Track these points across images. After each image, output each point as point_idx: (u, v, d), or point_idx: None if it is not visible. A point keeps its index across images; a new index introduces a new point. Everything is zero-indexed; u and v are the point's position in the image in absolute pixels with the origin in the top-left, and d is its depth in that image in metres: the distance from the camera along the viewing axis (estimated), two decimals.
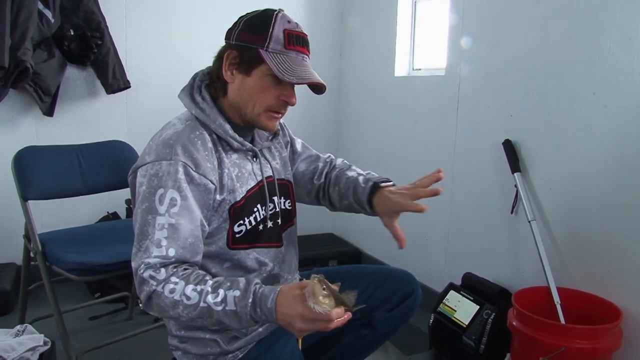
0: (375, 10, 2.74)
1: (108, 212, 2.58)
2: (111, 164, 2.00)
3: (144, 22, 2.61)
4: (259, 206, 1.22)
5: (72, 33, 2.37)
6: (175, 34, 2.67)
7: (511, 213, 1.93)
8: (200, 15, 2.69)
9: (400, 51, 2.59)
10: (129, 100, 2.62)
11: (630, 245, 1.57)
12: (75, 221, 2.16)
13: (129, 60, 2.56)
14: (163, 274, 1.03)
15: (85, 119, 2.54)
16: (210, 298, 1.01)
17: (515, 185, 1.85)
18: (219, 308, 1.00)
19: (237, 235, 1.18)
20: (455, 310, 1.87)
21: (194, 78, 1.23)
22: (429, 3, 2.55)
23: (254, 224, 1.21)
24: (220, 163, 1.16)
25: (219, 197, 1.14)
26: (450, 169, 2.25)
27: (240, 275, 1.16)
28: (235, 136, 1.18)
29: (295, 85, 1.17)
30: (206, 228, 1.13)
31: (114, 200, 2.42)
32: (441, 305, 1.92)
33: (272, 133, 1.33)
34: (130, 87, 2.54)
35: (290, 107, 1.26)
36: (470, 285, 1.95)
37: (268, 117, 1.19)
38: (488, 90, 2.06)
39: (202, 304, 1.01)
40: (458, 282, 1.99)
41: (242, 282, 1.03)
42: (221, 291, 1.01)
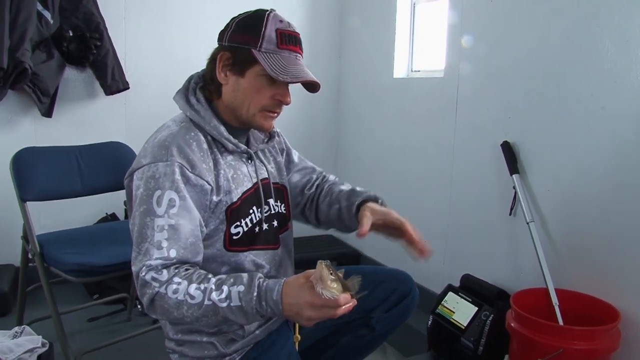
0: (374, 11, 2.75)
1: (107, 214, 2.58)
2: (110, 165, 2.00)
3: (143, 24, 2.61)
4: (254, 208, 1.22)
5: (71, 34, 2.37)
6: (174, 35, 2.67)
7: (510, 215, 1.94)
8: (199, 17, 2.69)
9: (399, 52, 2.59)
10: (128, 101, 2.62)
11: (629, 246, 1.57)
12: (73, 222, 2.16)
13: (128, 62, 2.56)
14: (165, 275, 1.02)
15: (84, 120, 2.54)
16: (214, 295, 1.00)
17: (514, 187, 1.85)
18: (224, 304, 1.00)
19: (235, 237, 1.18)
20: (453, 312, 1.87)
21: (189, 80, 1.23)
22: (428, 4, 2.55)
23: (250, 225, 1.20)
24: (216, 164, 1.16)
25: (215, 199, 1.14)
26: (449, 171, 2.25)
27: None
28: (230, 138, 1.18)
29: (290, 85, 1.17)
30: (204, 229, 1.13)
31: (112, 202, 2.41)
32: (440, 306, 1.92)
33: (268, 136, 1.33)
34: (129, 89, 2.54)
35: (290, 108, 1.26)
36: (469, 287, 1.95)
37: (264, 117, 1.19)
38: (487, 92, 2.06)
39: (207, 302, 1.00)
40: (457, 284, 1.99)
41: (246, 277, 1.03)
42: (225, 287, 1.01)
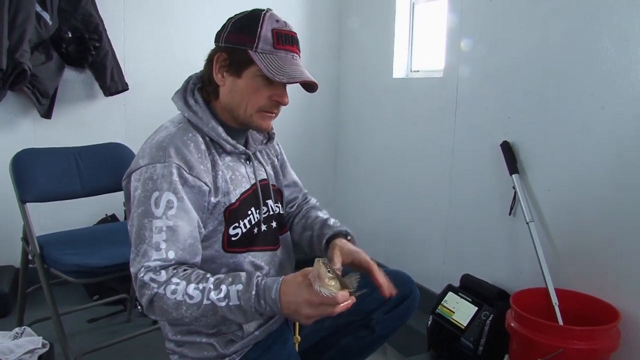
0: (374, 11, 2.75)
1: (106, 215, 2.58)
2: (109, 166, 2.00)
3: (141, 25, 2.61)
4: (252, 209, 1.22)
5: (70, 35, 2.37)
6: (173, 36, 2.67)
7: (509, 215, 1.94)
8: (198, 18, 2.69)
9: (398, 53, 2.59)
10: (127, 102, 2.62)
11: (629, 246, 1.57)
12: (73, 223, 2.16)
13: (127, 63, 2.56)
14: (164, 276, 1.02)
15: (83, 121, 2.54)
16: (213, 295, 1.00)
17: (514, 187, 1.86)
18: (222, 304, 1.00)
19: (233, 238, 1.18)
20: (453, 312, 1.87)
21: (187, 81, 1.23)
22: (427, 4, 2.55)
23: (248, 227, 1.20)
24: (214, 165, 1.16)
25: (213, 200, 1.14)
26: (449, 171, 2.25)
27: None
28: (228, 139, 1.18)
29: (288, 85, 1.17)
30: (202, 230, 1.13)
31: (112, 203, 2.41)
32: (440, 306, 1.92)
33: (267, 137, 1.33)
34: (128, 90, 2.54)
35: (289, 108, 1.26)
36: (469, 287, 1.95)
37: (261, 117, 1.18)
38: (486, 92, 2.06)
39: (206, 302, 1.00)
40: (456, 284, 2.00)
41: (244, 276, 1.03)
42: (224, 287, 1.01)
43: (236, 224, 1.18)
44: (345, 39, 3.04)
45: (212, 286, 1.02)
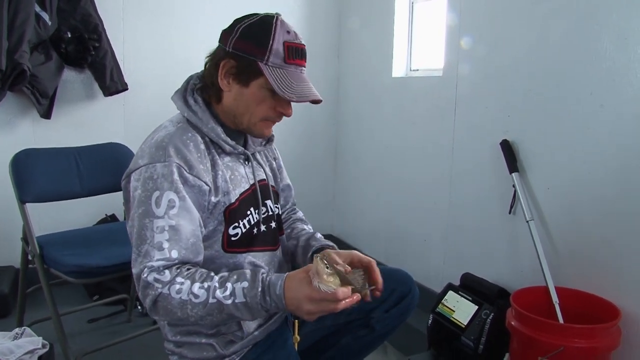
0: (373, 10, 2.75)
1: (106, 215, 2.58)
2: (109, 167, 2.00)
3: (141, 24, 2.61)
4: (252, 209, 1.22)
5: (70, 35, 2.37)
6: (173, 36, 2.67)
7: (509, 213, 1.94)
8: (198, 17, 2.69)
9: (397, 52, 2.59)
10: (127, 102, 2.62)
11: (629, 244, 1.57)
12: (73, 224, 2.16)
13: (126, 63, 2.56)
14: (168, 276, 1.02)
15: (83, 121, 2.54)
16: (219, 293, 1.01)
17: (513, 186, 1.86)
18: (228, 301, 1.00)
19: (233, 238, 1.18)
20: (454, 311, 1.87)
21: (187, 81, 1.22)
22: (426, 3, 2.55)
23: (248, 227, 1.20)
24: (214, 165, 1.16)
25: (214, 199, 1.14)
26: (449, 170, 2.25)
27: None
28: (227, 140, 1.18)
29: None
30: (203, 229, 1.13)
31: (112, 203, 2.41)
32: (440, 305, 1.92)
33: (266, 139, 1.33)
34: (127, 90, 2.54)
35: None
36: (469, 286, 1.95)
37: (264, 126, 1.19)
38: (486, 91, 2.06)
39: (212, 300, 1.01)
40: (457, 283, 1.99)
41: (249, 273, 1.04)
42: (229, 285, 1.02)
43: (236, 224, 1.18)
44: (345, 39, 3.04)
45: (217, 284, 1.02)
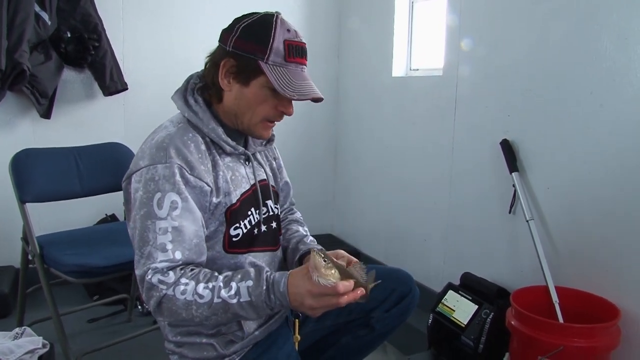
0: (373, 10, 2.75)
1: (106, 215, 2.58)
2: (109, 166, 2.00)
3: (141, 24, 2.61)
4: (252, 210, 1.22)
5: (69, 35, 2.37)
6: (172, 36, 2.67)
7: (509, 213, 1.94)
8: (198, 17, 2.69)
9: (397, 51, 2.59)
10: (127, 102, 2.61)
11: (629, 244, 1.57)
12: (73, 223, 2.15)
13: (126, 62, 2.56)
14: (172, 277, 1.02)
15: (83, 121, 2.54)
16: (223, 292, 1.01)
17: (513, 185, 1.86)
18: (233, 301, 1.01)
19: (234, 239, 1.18)
20: (454, 310, 1.87)
21: (187, 81, 1.22)
22: (426, 3, 2.55)
23: (248, 227, 1.20)
24: (215, 166, 1.15)
25: (215, 200, 1.14)
26: (449, 169, 2.25)
27: None
28: (228, 140, 1.17)
29: None
30: (205, 230, 1.13)
31: (112, 203, 2.41)
32: (440, 305, 1.93)
33: (267, 139, 1.33)
34: (127, 89, 2.54)
35: None
36: (469, 285, 1.95)
37: (264, 127, 1.19)
38: (486, 91, 2.06)
39: (217, 300, 1.01)
40: (457, 282, 2.00)
41: (253, 272, 1.04)
42: (233, 284, 1.02)
43: (237, 225, 1.18)
44: (345, 38, 3.04)
45: (222, 284, 1.02)
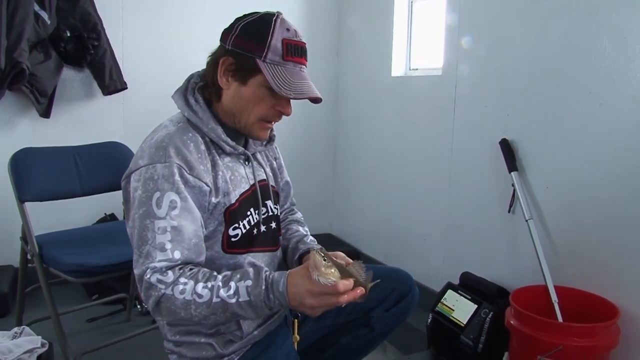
0: (372, 9, 2.74)
1: (105, 214, 2.58)
2: (108, 166, 2.00)
3: (140, 23, 2.60)
4: (252, 210, 1.21)
5: (69, 34, 2.37)
6: (172, 35, 2.67)
7: (508, 212, 1.94)
8: (198, 16, 2.69)
9: (397, 51, 2.59)
10: (126, 101, 2.61)
11: (628, 243, 1.57)
12: (72, 223, 2.15)
13: (125, 62, 2.56)
14: (171, 277, 1.02)
15: (82, 120, 2.54)
16: (222, 292, 1.01)
17: (513, 185, 1.86)
18: (232, 300, 1.01)
19: (233, 239, 1.17)
20: (453, 310, 1.87)
21: (188, 80, 1.22)
22: (426, 3, 2.55)
23: (247, 227, 1.20)
24: (214, 165, 1.15)
25: (214, 200, 1.13)
26: (448, 169, 2.26)
27: None
28: (228, 140, 1.17)
29: None
30: (204, 230, 1.13)
31: (111, 202, 2.41)
32: (439, 304, 1.92)
33: (267, 139, 1.32)
34: (127, 88, 2.54)
35: None
36: (468, 285, 1.95)
37: (261, 127, 1.19)
38: (485, 90, 2.06)
39: (215, 300, 1.01)
40: (456, 282, 2.00)
41: (252, 272, 1.04)
42: (232, 284, 1.02)
43: (236, 225, 1.18)
44: (344, 38, 3.04)
45: (221, 283, 1.02)
